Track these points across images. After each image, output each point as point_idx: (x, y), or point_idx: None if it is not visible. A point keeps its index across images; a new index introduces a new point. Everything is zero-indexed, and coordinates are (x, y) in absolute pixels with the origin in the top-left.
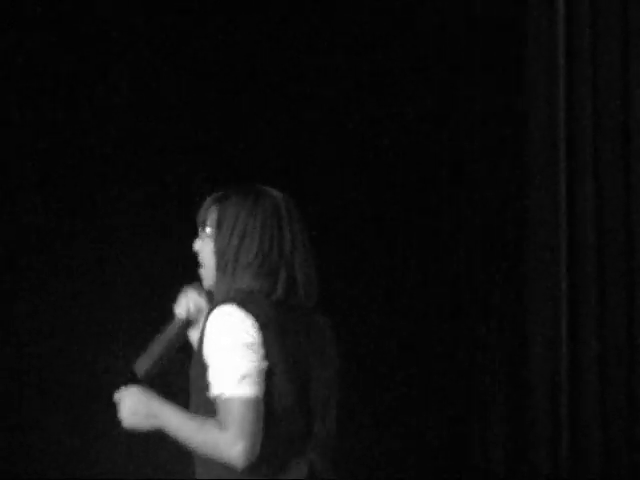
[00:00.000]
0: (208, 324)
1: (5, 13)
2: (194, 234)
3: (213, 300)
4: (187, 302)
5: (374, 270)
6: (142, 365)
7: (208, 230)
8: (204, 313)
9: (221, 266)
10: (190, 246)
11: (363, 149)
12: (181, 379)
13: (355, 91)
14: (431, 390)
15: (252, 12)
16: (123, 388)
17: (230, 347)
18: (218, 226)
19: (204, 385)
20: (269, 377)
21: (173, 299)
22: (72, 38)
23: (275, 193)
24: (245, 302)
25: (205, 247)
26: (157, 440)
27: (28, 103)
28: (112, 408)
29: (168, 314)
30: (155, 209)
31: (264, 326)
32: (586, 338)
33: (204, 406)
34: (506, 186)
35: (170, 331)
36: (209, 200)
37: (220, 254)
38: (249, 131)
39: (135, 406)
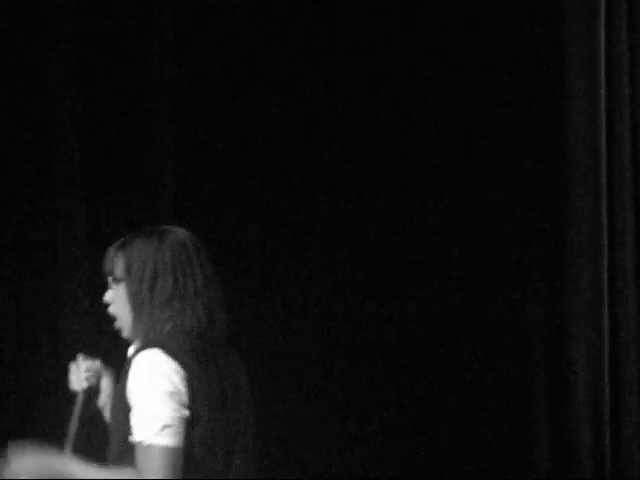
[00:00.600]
0: (132, 369)
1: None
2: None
3: (135, 347)
4: (81, 373)
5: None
6: (66, 449)
7: (118, 278)
8: (102, 374)
9: (137, 309)
10: None
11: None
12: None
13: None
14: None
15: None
16: (15, 452)
17: (153, 395)
18: (127, 271)
19: (128, 431)
20: (191, 425)
21: None
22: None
23: (177, 230)
24: (167, 344)
25: (116, 296)
26: None
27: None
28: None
29: None
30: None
31: (188, 369)
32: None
33: (130, 452)
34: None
35: (77, 408)
36: (112, 249)
37: (134, 298)
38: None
39: (33, 468)
